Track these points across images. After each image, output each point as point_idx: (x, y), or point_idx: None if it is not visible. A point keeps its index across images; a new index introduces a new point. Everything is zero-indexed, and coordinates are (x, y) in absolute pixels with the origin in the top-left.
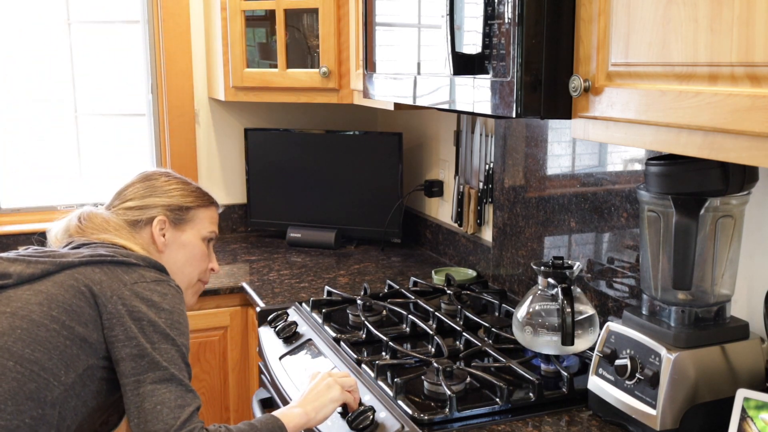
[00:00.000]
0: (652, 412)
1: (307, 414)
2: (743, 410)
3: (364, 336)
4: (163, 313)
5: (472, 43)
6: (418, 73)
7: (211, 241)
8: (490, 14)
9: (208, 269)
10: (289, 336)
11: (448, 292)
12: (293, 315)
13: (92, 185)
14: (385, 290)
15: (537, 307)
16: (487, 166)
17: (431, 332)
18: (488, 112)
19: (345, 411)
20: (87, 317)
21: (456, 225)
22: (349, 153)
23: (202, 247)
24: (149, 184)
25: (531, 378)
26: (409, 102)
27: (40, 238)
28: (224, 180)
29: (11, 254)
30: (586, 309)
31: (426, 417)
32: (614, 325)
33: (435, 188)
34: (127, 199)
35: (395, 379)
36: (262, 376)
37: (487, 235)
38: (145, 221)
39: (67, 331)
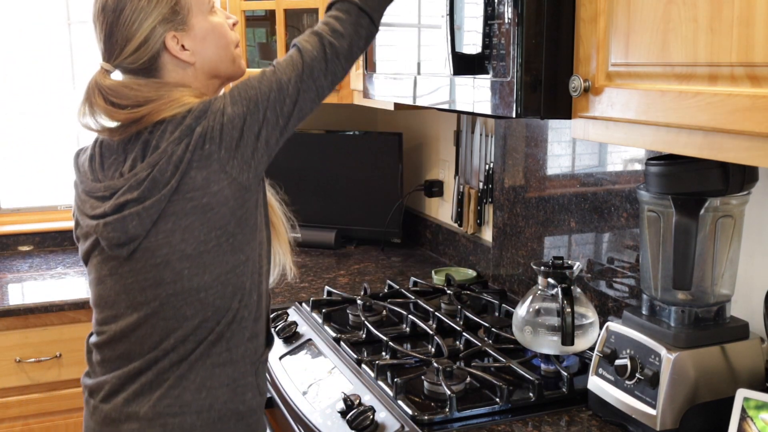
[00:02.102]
0: (652, 412)
1: None
2: (743, 410)
3: (364, 336)
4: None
5: (472, 43)
6: (418, 73)
7: (212, 7)
8: (490, 14)
9: (230, 28)
10: (289, 336)
11: (448, 292)
12: (293, 315)
13: None
14: (385, 290)
15: (537, 307)
16: (487, 166)
17: (431, 332)
18: (488, 112)
19: (345, 411)
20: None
21: (456, 225)
22: (349, 153)
23: (214, 21)
24: (127, 13)
25: (531, 378)
26: (409, 102)
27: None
28: None
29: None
30: (586, 309)
31: (426, 417)
32: (614, 325)
33: (435, 188)
34: (123, 42)
35: (395, 379)
36: None
37: (487, 235)
38: (159, 51)
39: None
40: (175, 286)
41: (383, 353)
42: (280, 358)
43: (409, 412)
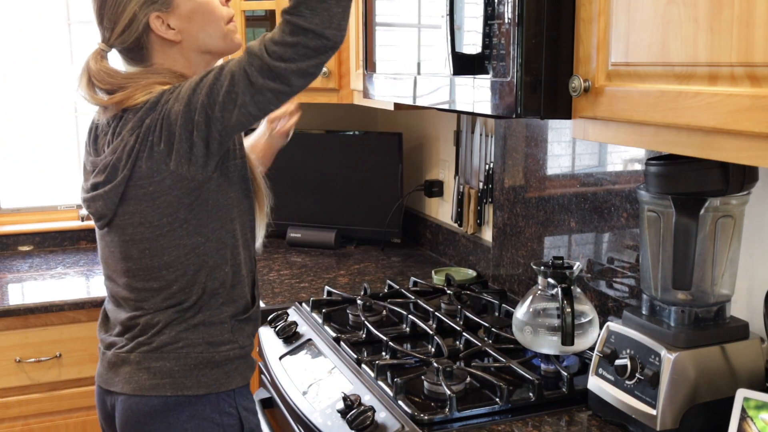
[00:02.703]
0: (652, 412)
1: None
2: (743, 410)
3: (364, 336)
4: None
5: (472, 43)
6: (418, 73)
7: None
8: (490, 14)
9: (223, 3)
10: (289, 336)
11: (448, 292)
12: (293, 315)
13: None
14: (385, 290)
15: (537, 307)
16: (487, 166)
17: (431, 332)
18: (488, 112)
19: (345, 411)
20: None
21: (456, 225)
22: (349, 153)
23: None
24: None
25: (531, 378)
26: (409, 102)
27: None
28: None
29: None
30: (586, 309)
31: (426, 417)
32: (614, 325)
33: (435, 188)
34: (111, 25)
35: (395, 379)
36: (262, 376)
37: (487, 235)
38: (144, 31)
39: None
40: (140, 262)
41: (383, 353)
42: (280, 358)
43: (409, 412)
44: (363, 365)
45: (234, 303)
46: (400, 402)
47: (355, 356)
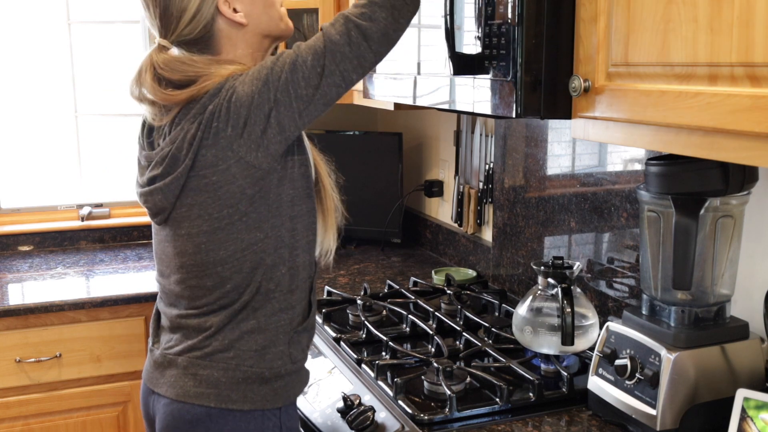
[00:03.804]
0: (652, 412)
1: None
2: (743, 410)
3: (364, 336)
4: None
5: (472, 43)
6: (418, 73)
7: None
8: (490, 14)
9: None
10: None
11: (448, 292)
12: None
13: (92, 185)
14: (385, 290)
15: (537, 307)
16: (487, 166)
17: (431, 332)
18: (488, 112)
19: (345, 411)
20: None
21: (456, 225)
22: (349, 153)
23: None
24: None
25: (531, 378)
26: (409, 102)
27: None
28: None
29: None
30: (586, 309)
31: (426, 417)
32: (614, 325)
33: (435, 188)
34: (179, 14)
35: (395, 379)
36: None
37: (487, 235)
38: (213, 16)
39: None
40: (196, 257)
41: (383, 353)
42: None
43: (409, 412)
44: (363, 365)
45: (291, 309)
46: (400, 402)
47: (355, 356)
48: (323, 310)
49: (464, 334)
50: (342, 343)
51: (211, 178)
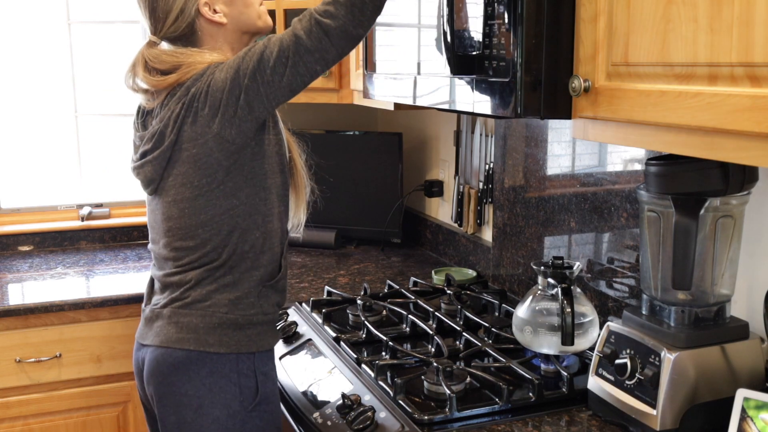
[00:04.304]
0: (652, 412)
1: None
2: (743, 410)
3: (364, 336)
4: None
5: (471, 44)
6: (418, 73)
7: None
8: (490, 14)
9: None
10: (289, 336)
11: (448, 292)
12: (293, 315)
13: (92, 185)
14: (385, 290)
15: (537, 307)
16: (487, 166)
17: (431, 332)
18: (488, 112)
19: (345, 411)
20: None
21: (456, 225)
22: (349, 153)
23: None
24: None
25: (531, 378)
26: (409, 102)
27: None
28: None
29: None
30: (586, 309)
31: (426, 417)
32: (614, 325)
33: (435, 188)
34: (164, 15)
35: (395, 379)
36: None
37: (487, 235)
38: (194, 17)
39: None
40: (180, 221)
41: (383, 353)
42: (281, 358)
43: (410, 412)
44: (363, 365)
45: (262, 268)
46: (400, 402)
47: (355, 356)
48: (323, 310)
49: (464, 334)
50: (342, 343)
51: (191, 150)
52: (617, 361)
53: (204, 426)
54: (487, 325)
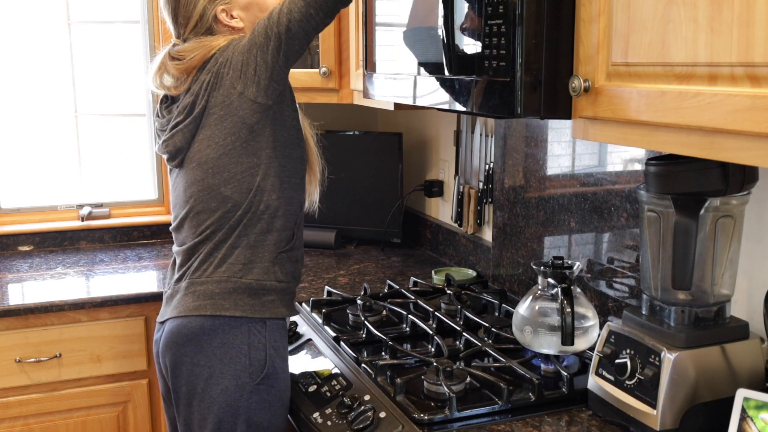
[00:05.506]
0: (652, 412)
1: None
2: (743, 410)
3: (364, 336)
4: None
5: (471, 43)
6: (418, 73)
7: None
8: (490, 14)
9: None
10: (289, 336)
11: (448, 292)
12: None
13: (92, 185)
14: (385, 290)
15: (537, 307)
16: (487, 166)
17: (431, 332)
18: (488, 112)
19: (345, 411)
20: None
21: (456, 225)
22: (349, 153)
23: None
24: None
25: (531, 378)
26: (409, 102)
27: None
28: None
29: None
30: (586, 309)
31: (426, 417)
32: (614, 325)
33: (435, 188)
34: (185, 21)
35: (395, 379)
36: None
37: (487, 235)
38: (213, 23)
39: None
40: (203, 183)
41: (383, 353)
42: None
43: (409, 411)
44: (363, 365)
45: (276, 232)
46: (399, 402)
47: (355, 356)
48: (323, 310)
49: (464, 334)
50: (342, 343)
51: (219, 113)
52: (617, 361)
53: (213, 396)
54: (487, 325)
